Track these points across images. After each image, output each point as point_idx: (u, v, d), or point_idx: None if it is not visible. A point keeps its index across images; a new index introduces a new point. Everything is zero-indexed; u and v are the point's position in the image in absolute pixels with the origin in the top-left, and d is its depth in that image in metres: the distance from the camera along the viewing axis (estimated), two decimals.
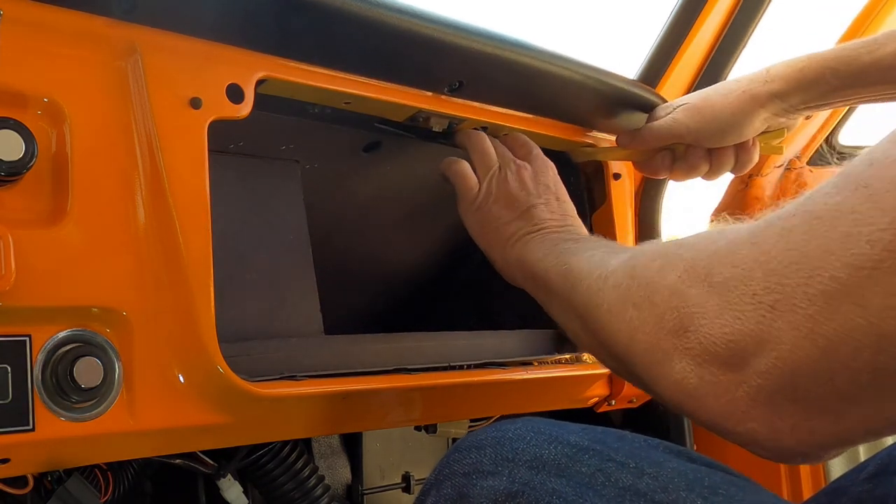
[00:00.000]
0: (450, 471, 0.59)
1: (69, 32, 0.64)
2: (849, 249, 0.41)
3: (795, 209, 0.46)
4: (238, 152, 0.90)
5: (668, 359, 0.50)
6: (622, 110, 1.06)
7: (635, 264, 0.58)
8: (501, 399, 1.02)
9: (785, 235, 0.44)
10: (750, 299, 0.45)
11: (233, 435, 0.77)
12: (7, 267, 0.57)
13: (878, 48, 0.84)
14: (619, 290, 0.58)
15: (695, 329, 0.48)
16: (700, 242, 0.53)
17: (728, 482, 0.52)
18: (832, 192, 0.43)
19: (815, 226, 0.43)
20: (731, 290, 0.46)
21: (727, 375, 0.46)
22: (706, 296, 0.48)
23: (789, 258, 0.43)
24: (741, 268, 0.46)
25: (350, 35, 0.77)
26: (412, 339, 0.91)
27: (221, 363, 0.68)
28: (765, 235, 0.46)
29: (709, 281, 0.48)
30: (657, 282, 0.53)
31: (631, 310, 0.55)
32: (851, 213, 0.41)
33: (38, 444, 0.61)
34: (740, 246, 0.47)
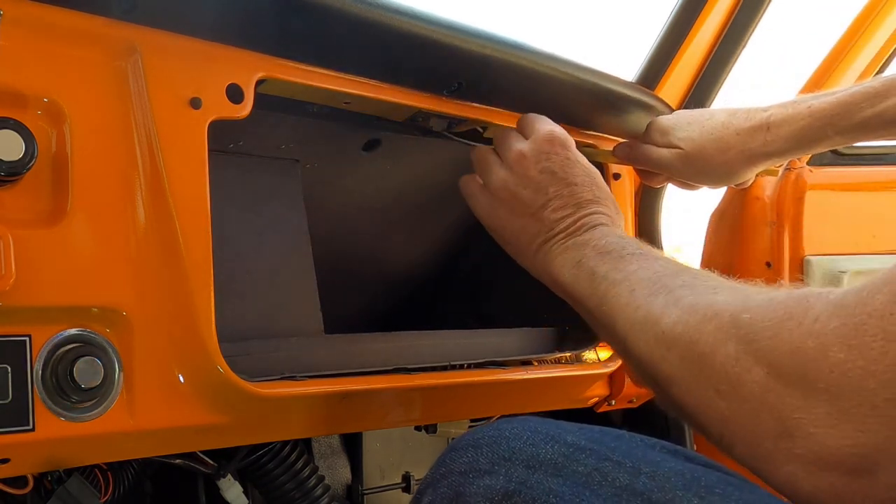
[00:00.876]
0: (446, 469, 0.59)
1: (69, 32, 0.64)
2: None
3: (887, 304, 0.42)
4: (238, 151, 0.90)
5: (774, 459, 0.47)
6: (621, 112, 1.06)
7: (700, 346, 0.53)
8: (501, 399, 1.02)
9: (890, 341, 0.42)
10: (870, 411, 0.42)
11: (233, 435, 0.77)
12: (7, 267, 0.58)
13: (880, 100, 0.85)
14: (686, 364, 0.54)
15: (804, 436, 0.45)
16: (773, 326, 0.48)
17: (725, 481, 0.52)
18: None
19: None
20: (842, 399, 0.43)
21: (852, 485, 0.43)
22: (810, 401, 0.44)
23: (875, 344, 0.42)
24: (845, 375, 0.43)
25: (350, 36, 0.77)
26: (412, 337, 0.91)
27: (221, 363, 0.68)
28: (861, 339, 0.43)
29: (808, 385, 0.45)
30: (739, 375, 0.49)
31: (714, 396, 0.51)
32: None
33: (38, 444, 0.61)
34: (830, 346, 0.44)
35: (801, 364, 0.45)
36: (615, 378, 1.15)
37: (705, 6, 1.18)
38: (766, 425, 0.47)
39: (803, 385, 0.44)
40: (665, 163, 1.02)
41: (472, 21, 0.85)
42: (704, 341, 0.52)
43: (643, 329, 0.59)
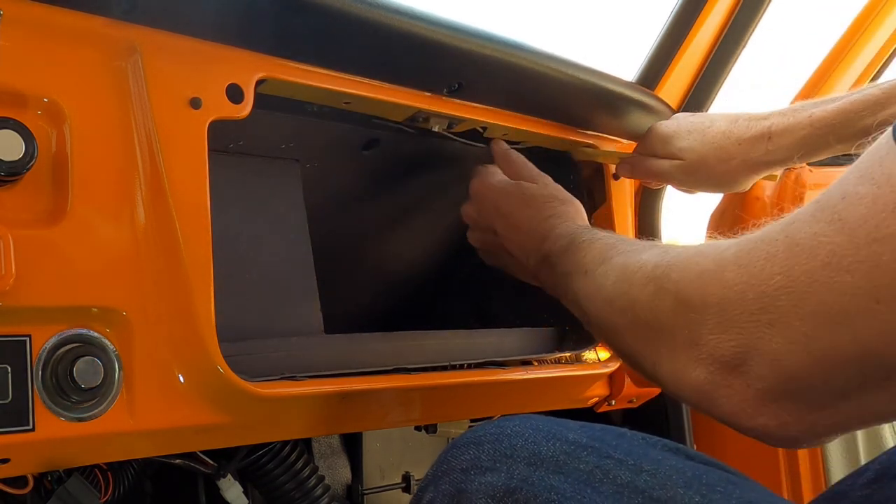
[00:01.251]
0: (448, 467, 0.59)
1: (69, 32, 0.64)
2: (831, 277, 0.46)
3: (777, 234, 0.50)
4: (238, 151, 0.90)
5: (686, 368, 0.56)
6: (621, 112, 1.06)
7: (632, 294, 0.63)
8: (501, 399, 1.02)
9: (770, 259, 0.50)
10: (748, 317, 0.50)
11: (233, 435, 0.77)
12: (7, 267, 0.58)
13: (881, 108, 0.85)
14: (624, 312, 0.65)
15: (703, 343, 0.54)
16: (684, 262, 0.58)
17: (726, 480, 0.53)
18: (810, 221, 0.48)
19: (796, 252, 0.48)
20: (728, 308, 0.52)
21: (736, 380, 0.52)
22: (706, 314, 0.53)
23: (778, 283, 0.49)
24: (733, 289, 0.52)
25: (350, 36, 0.77)
26: (412, 337, 0.91)
27: (221, 363, 0.68)
28: (749, 258, 0.51)
29: (703, 301, 0.54)
30: (658, 306, 0.59)
31: (644, 330, 0.61)
32: (829, 244, 0.46)
33: (38, 444, 0.61)
34: (727, 268, 0.53)
35: (702, 284, 0.54)
36: (615, 378, 1.16)
37: (705, 6, 1.18)
38: (678, 341, 0.56)
39: (702, 302, 0.54)
40: (667, 175, 1.04)
41: (472, 21, 0.85)
42: (633, 289, 0.63)
43: (595, 298, 0.71)
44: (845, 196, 0.47)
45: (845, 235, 0.46)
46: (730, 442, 1.32)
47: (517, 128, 1.00)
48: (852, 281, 0.45)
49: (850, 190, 0.47)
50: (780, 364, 0.49)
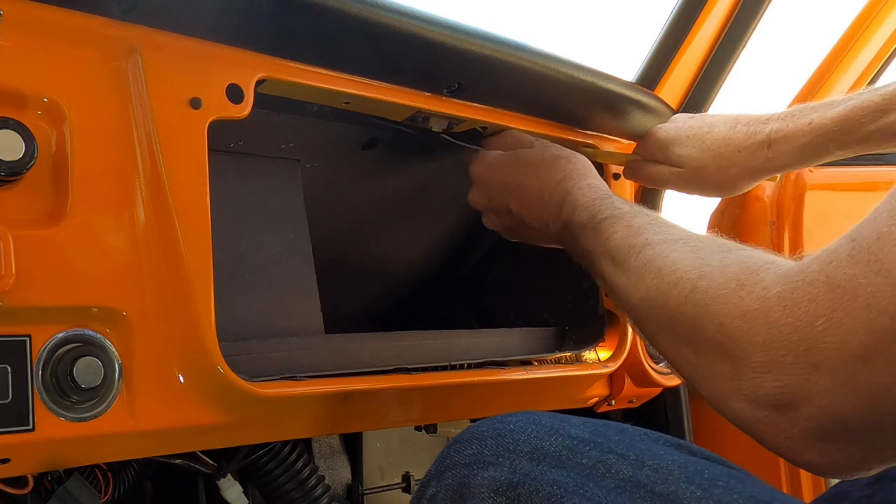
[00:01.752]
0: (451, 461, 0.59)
1: (69, 32, 0.64)
2: (872, 319, 0.46)
3: (817, 274, 0.51)
4: (238, 151, 0.90)
5: (727, 398, 0.56)
6: (621, 112, 1.06)
7: (670, 309, 0.63)
8: (501, 399, 1.02)
9: (813, 301, 0.50)
10: (794, 358, 0.51)
11: (233, 435, 0.77)
12: (7, 267, 0.58)
13: (881, 115, 0.85)
14: (661, 323, 0.65)
15: (748, 380, 0.54)
16: (726, 296, 0.57)
17: (728, 475, 0.53)
18: (849, 262, 0.49)
19: (838, 294, 0.49)
20: (773, 349, 0.52)
21: (781, 418, 0.53)
22: (750, 352, 0.54)
23: (822, 325, 0.49)
24: (779, 330, 0.52)
25: (349, 36, 0.77)
26: (412, 337, 0.91)
27: (221, 363, 0.68)
28: (794, 299, 0.51)
29: (748, 339, 0.54)
30: (698, 332, 0.59)
31: (684, 348, 0.62)
32: (868, 286, 0.47)
33: (38, 444, 0.61)
34: (771, 308, 0.53)
35: (746, 323, 0.54)
36: (615, 378, 1.16)
37: (705, 6, 1.18)
38: (720, 371, 0.57)
39: (747, 341, 0.54)
40: (667, 181, 1.04)
41: (472, 21, 0.85)
42: (671, 305, 0.63)
43: (629, 294, 0.71)
44: (880, 236, 0.47)
45: (882, 277, 0.46)
46: (729, 441, 1.32)
47: (517, 127, 1.00)
48: (889, 323, 0.46)
49: (883, 230, 0.47)
50: (829, 405, 0.49)
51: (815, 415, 0.50)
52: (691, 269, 0.62)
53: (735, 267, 0.58)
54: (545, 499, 0.52)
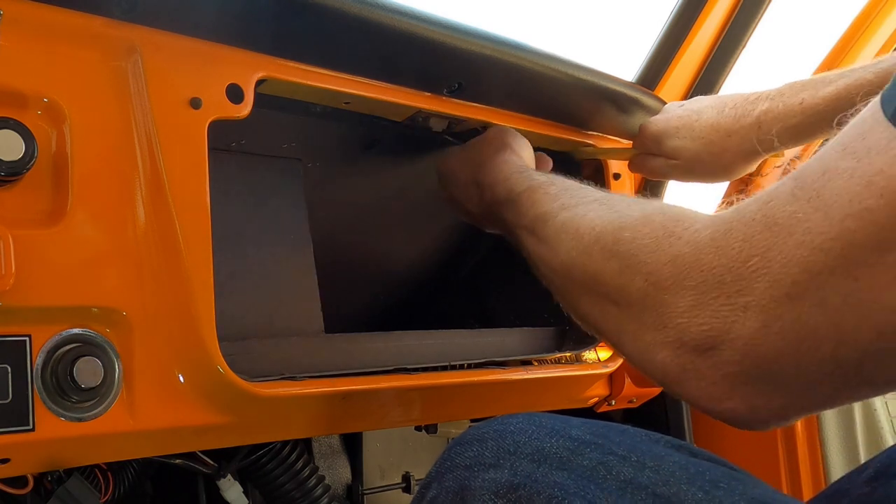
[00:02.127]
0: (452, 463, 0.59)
1: (69, 32, 0.64)
2: (805, 257, 0.45)
3: (754, 213, 0.49)
4: (240, 150, 0.90)
5: (651, 349, 0.55)
6: (621, 112, 1.06)
7: (592, 267, 0.63)
8: (501, 399, 1.02)
9: (748, 241, 0.48)
10: (725, 300, 0.49)
11: (233, 435, 0.77)
12: (7, 267, 0.58)
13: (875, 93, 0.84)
14: (584, 282, 0.64)
15: (673, 326, 0.53)
16: (654, 244, 0.56)
17: (729, 476, 0.53)
18: (789, 199, 0.47)
19: (774, 232, 0.47)
20: (704, 292, 0.51)
21: (705, 363, 0.51)
22: (679, 297, 0.53)
23: (755, 264, 0.48)
24: (710, 272, 0.51)
25: (350, 36, 0.77)
26: (412, 337, 0.91)
27: (221, 363, 0.68)
28: (727, 240, 0.50)
29: (679, 284, 0.53)
30: (624, 285, 0.58)
31: (609, 305, 0.60)
32: (805, 221, 0.45)
33: (38, 444, 0.61)
34: (704, 251, 0.52)
35: (677, 268, 0.53)
36: (615, 378, 1.16)
37: (705, 6, 1.18)
38: (646, 321, 0.55)
39: (676, 285, 0.53)
40: (667, 173, 1.04)
41: (472, 21, 0.85)
42: (594, 262, 0.62)
43: (550, 263, 0.70)
44: (825, 171, 0.45)
45: (822, 212, 0.45)
46: (730, 441, 1.32)
47: (517, 128, 1.00)
48: (825, 259, 0.44)
49: (830, 165, 0.45)
50: (754, 348, 0.48)
51: (738, 358, 0.49)
52: (611, 223, 0.61)
53: (659, 216, 0.57)
54: (546, 501, 0.52)
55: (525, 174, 0.82)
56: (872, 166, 0.43)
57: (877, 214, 0.42)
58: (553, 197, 0.73)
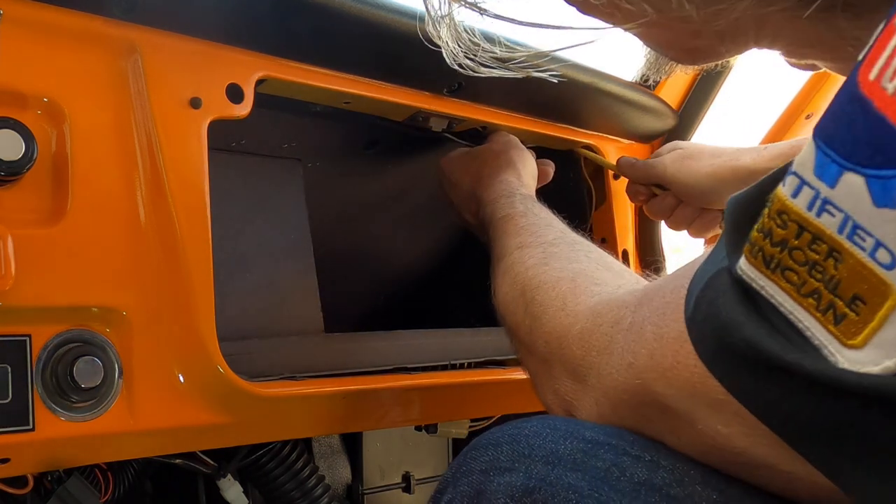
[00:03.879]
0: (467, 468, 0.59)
1: (69, 32, 0.64)
2: (628, 364, 0.53)
3: (608, 329, 0.56)
4: (240, 150, 0.90)
5: (549, 404, 0.66)
6: (621, 112, 1.06)
7: (515, 319, 0.71)
8: (502, 398, 1.02)
9: (603, 336, 0.56)
10: (573, 379, 0.60)
11: (233, 435, 0.77)
12: (7, 267, 0.58)
13: None
14: (509, 329, 0.72)
15: (553, 390, 0.63)
16: (553, 310, 0.64)
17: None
18: (636, 307, 0.54)
19: (616, 330, 0.55)
20: (566, 368, 0.60)
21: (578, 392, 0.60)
22: (557, 366, 0.62)
23: (594, 356, 0.57)
24: (569, 351, 0.60)
25: (350, 36, 0.77)
26: (412, 336, 0.91)
27: (221, 363, 0.68)
28: (595, 324, 0.58)
29: (557, 354, 0.62)
30: (532, 343, 0.66)
31: (525, 354, 0.69)
32: (644, 327, 0.51)
33: (38, 444, 0.61)
34: (573, 342, 0.60)
35: (558, 340, 0.62)
36: None
37: None
38: (546, 378, 0.65)
39: (555, 355, 0.62)
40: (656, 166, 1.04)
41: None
42: (517, 314, 0.69)
43: (495, 294, 0.77)
44: (636, 324, 0.53)
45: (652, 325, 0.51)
46: None
47: (517, 128, 1.00)
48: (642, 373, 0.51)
49: (640, 318, 0.52)
50: (600, 419, 0.57)
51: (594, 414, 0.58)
52: (535, 279, 0.68)
53: (568, 283, 0.65)
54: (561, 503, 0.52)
55: (510, 199, 0.85)
56: (665, 359, 0.48)
57: (644, 375, 0.50)
58: (516, 233, 0.78)
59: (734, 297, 0.40)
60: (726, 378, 0.42)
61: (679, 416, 0.49)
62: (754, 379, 0.39)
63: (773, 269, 0.37)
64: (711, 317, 0.42)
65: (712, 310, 0.42)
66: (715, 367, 0.43)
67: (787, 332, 0.36)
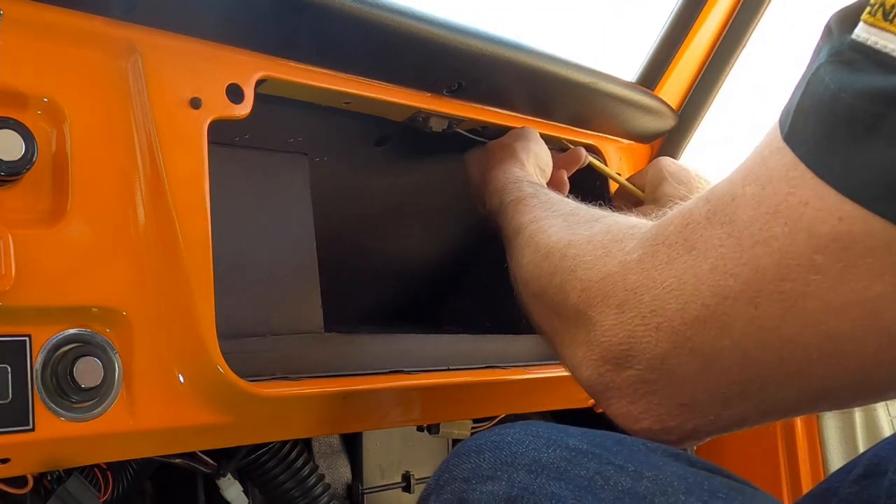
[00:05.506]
0: (449, 475, 0.59)
1: (69, 32, 0.64)
2: (717, 280, 0.47)
3: (676, 237, 0.51)
4: (244, 145, 0.89)
5: (582, 363, 0.58)
6: (621, 112, 1.06)
7: (542, 282, 0.66)
8: (502, 399, 1.02)
9: (669, 264, 0.51)
10: (640, 320, 0.52)
11: (233, 435, 0.77)
12: (7, 267, 0.58)
13: None
14: (535, 295, 0.68)
15: (598, 343, 0.56)
16: (591, 261, 0.59)
17: (728, 486, 0.52)
18: (706, 225, 0.49)
19: (692, 257, 0.49)
20: (624, 311, 0.54)
21: (623, 378, 0.54)
22: (604, 315, 0.55)
23: (671, 286, 0.50)
24: (633, 292, 0.53)
25: (350, 36, 0.77)
26: (412, 340, 0.91)
27: (221, 363, 0.68)
28: (652, 263, 0.52)
29: (605, 302, 0.56)
30: (563, 299, 0.61)
31: (552, 316, 0.64)
32: (719, 246, 0.47)
33: (38, 444, 0.61)
34: (631, 271, 0.54)
35: (605, 286, 0.56)
36: None
37: (705, 6, 1.18)
38: (578, 338, 0.59)
39: (602, 302, 0.56)
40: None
41: (472, 21, 0.85)
42: (543, 276, 0.65)
43: (515, 273, 0.74)
44: (735, 197, 0.47)
45: (734, 238, 0.46)
46: (730, 446, 1.31)
47: (517, 128, 1.00)
48: (734, 285, 0.46)
49: (738, 191, 0.47)
50: (666, 368, 0.50)
51: (653, 377, 0.51)
52: (563, 240, 0.65)
53: (601, 236, 0.60)
54: None
55: (517, 185, 0.85)
56: (776, 195, 0.44)
57: (781, 242, 0.43)
58: (530, 209, 0.77)
59: (837, 69, 0.40)
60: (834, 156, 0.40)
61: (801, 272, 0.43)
62: (863, 143, 0.39)
63: (894, 20, 0.37)
64: (816, 100, 0.41)
65: (815, 94, 0.41)
66: (823, 149, 0.41)
67: None
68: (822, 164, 0.42)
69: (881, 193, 0.39)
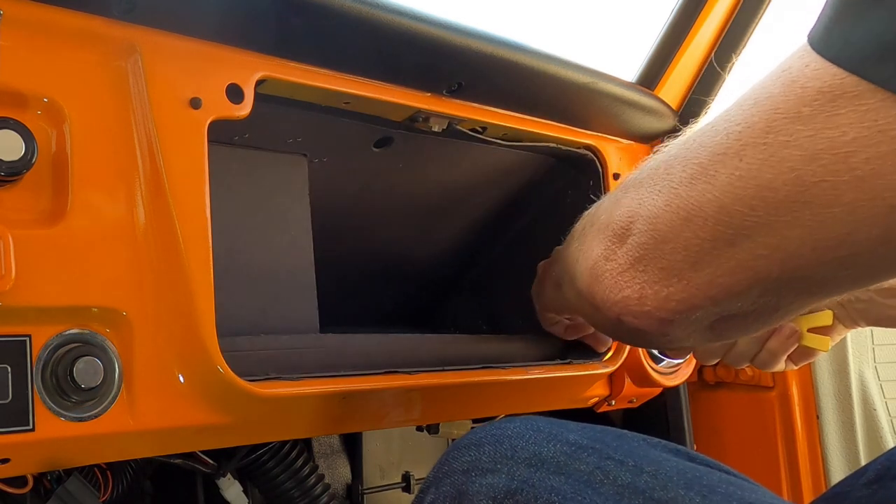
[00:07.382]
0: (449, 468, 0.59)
1: (69, 32, 0.64)
2: (713, 140, 0.50)
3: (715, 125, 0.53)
4: (244, 144, 0.89)
5: (593, 248, 0.61)
6: (621, 112, 1.06)
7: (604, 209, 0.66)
8: (502, 399, 1.02)
9: (690, 136, 0.54)
10: (648, 189, 0.55)
11: (233, 435, 0.77)
12: (7, 267, 0.58)
13: None
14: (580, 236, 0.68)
15: (614, 223, 0.59)
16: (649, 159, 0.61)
17: (727, 481, 0.52)
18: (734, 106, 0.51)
19: (704, 129, 0.52)
20: (640, 186, 0.57)
21: (620, 249, 0.57)
22: (628, 196, 0.58)
23: (678, 153, 0.53)
24: (651, 168, 0.57)
25: (349, 36, 0.77)
26: (408, 341, 0.91)
27: (221, 363, 0.68)
28: (681, 140, 0.56)
29: (634, 181, 0.59)
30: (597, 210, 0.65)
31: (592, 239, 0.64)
32: (727, 121, 0.49)
33: (38, 444, 0.61)
34: (662, 149, 0.57)
35: (632, 177, 0.59)
36: (615, 378, 1.15)
37: (705, 6, 1.18)
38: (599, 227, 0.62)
39: (631, 184, 0.59)
40: None
41: (472, 21, 0.85)
42: (605, 209, 0.64)
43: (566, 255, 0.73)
44: (756, 102, 0.49)
45: (737, 104, 0.49)
46: (730, 443, 1.32)
47: (517, 128, 1.00)
48: (725, 142, 0.48)
49: (760, 97, 0.49)
50: (654, 226, 0.53)
51: (643, 240, 0.54)
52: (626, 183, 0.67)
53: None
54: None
55: None
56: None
57: (776, 99, 0.46)
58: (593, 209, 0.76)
59: None
60: None
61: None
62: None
63: None
64: None
65: None
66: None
67: None
68: (824, 38, 0.44)
69: (876, 55, 0.41)
